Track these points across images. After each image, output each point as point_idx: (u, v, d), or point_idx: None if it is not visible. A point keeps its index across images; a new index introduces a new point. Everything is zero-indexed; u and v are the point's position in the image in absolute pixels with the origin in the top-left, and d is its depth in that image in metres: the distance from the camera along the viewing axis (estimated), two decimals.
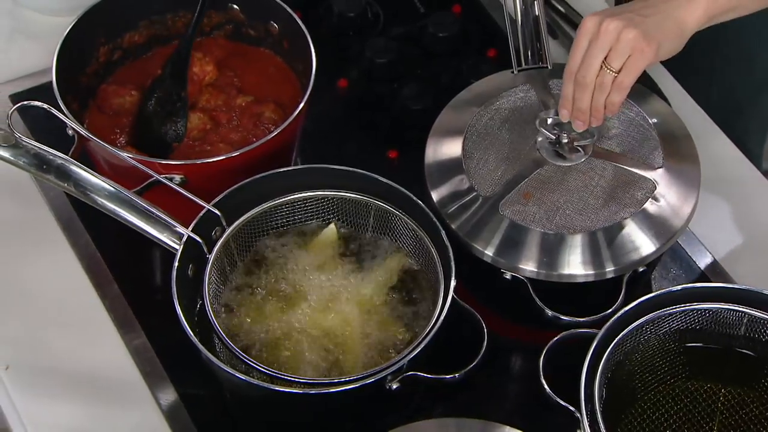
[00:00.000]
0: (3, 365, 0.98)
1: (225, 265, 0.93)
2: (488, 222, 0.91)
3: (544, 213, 0.91)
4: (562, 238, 0.90)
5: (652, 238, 0.91)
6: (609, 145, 0.95)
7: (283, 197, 0.95)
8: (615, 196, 0.92)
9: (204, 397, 0.98)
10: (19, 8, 1.19)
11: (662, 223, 0.92)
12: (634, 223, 0.91)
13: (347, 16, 1.20)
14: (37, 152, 0.91)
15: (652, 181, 0.93)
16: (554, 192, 0.92)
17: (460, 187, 0.93)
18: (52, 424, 0.96)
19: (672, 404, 0.90)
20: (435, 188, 0.94)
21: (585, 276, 0.90)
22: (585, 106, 0.91)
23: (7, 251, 1.04)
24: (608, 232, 0.91)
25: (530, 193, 0.92)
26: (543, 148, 0.95)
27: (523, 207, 0.91)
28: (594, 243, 0.90)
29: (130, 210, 0.91)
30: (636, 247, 0.91)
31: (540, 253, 0.90)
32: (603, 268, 0.90)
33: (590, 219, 0.91)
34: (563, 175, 0.93)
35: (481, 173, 0.94)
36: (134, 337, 1.00)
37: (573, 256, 0.90)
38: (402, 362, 0.85)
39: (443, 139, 0.97)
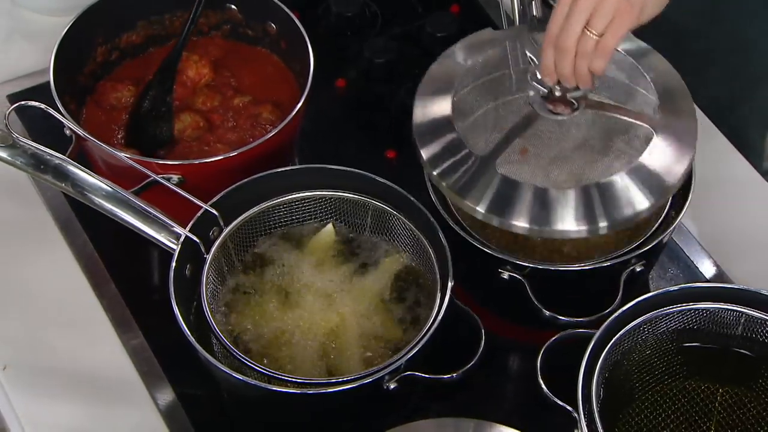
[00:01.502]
0: (1, 365, 0.98)
1: (223, 265, 0.93)
2: (480, 178, 0.89)
3: (538, 168, 0.88)
4: (555, 194, 0.87)
5: (646, 193, 0.88)
6: (603, 97, 0.92)
7: (281, 197, 0.95)
8: (611, 147, 0.90)
9: (201, 397, 0.98)
10: (17, 8, 1.19)
11: (657, 177, 0.89)
12: (628, 177, 0.88)
13: (345, 16, 1.20)
14: (34, 152, 0.91)
15: (649, 129, 0.90)
16: (548, 146, 0.90)
17: (451, 145, 0.91)
18: (50, 423, 0.96)
19: (669, 404, 0.90)
20: (425, 147, 0.91)
21: (578, 232, 0.87)
22: (568, 72, 0.88)
23: (4, 251, 1.04)
24: (602, 187, 0.88)
25: (527, 149, 0.89)
26: (535, 103, 0.92)
27: (517, 163, 0.89)
28: (587, 198, 0.88)
29: (128, 210, 0.91)
30: (630, 202, 0.87)
31: (532, 208, 0.87)
32: (596, 224, 0.87)
33: (585, 172, 0.88)
34: (557, 128, 0.91)
35: (472, 130, 0.91)
36: (132, 336, 1.00)
37: (566, 210, 0.87)
38: (400, 362, 0.85)
39: (431, 98, 0.94)
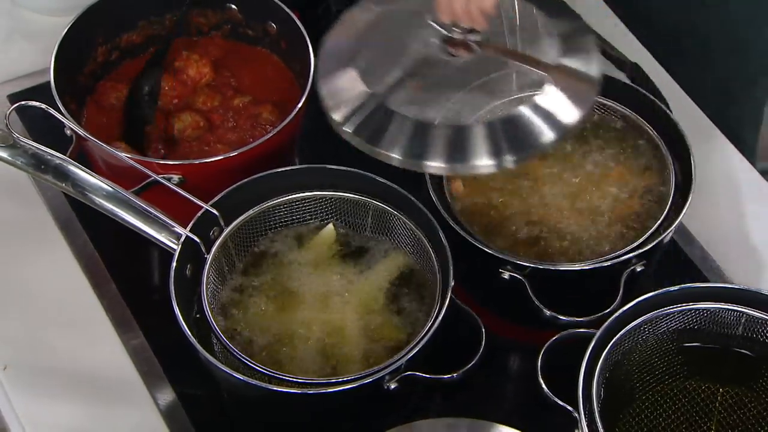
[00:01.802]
0: (1, 365, 0.98)
1: (223, 265, 0.93)
2: (388, 125, 0.89)
3: (441, 108, 0.89)
4: (461, 132, 0.88)
5: (546, 129, 0.89)
6: (503, 41, 0.93)
7: (282, 197, 0.95)
8: (506, 90, 0.91)
9: (202, 397, 0.98)
10: (17, 8, 1.19)
11: (555, 117, 0.89)
12: (526, 114, 0.89)
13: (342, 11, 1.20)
14: (34, 152, 0.91)
15: (545, 75, 0.91)
16: (448, 87, 0.91)
17: (354, 88, 0.91)
18: (50, 423, 0.96)
19: (670, 404, 0.90)
20: (326, 84, 0.92)
21: (487, 167, 0.88)
22: (459, 10, 0.88)
23: (4, 251, 1.04)
24: (502, 124, 0.89)
25: (421, 87, 0.91)
26: (435, 45, 0.93)
27: (417, 105, 0.89)
28: (493, 134, 0.88)
29: (128, 210, 0.91)
30: (532, 136, 0.88)
31: (444, 148, 0.88)
32: (502, 156, 0.88)
33: (484, 112, 0.89)
34: (455, 70, 0.92)
35: (373, 72, 0.92)
36: (132, 336, 1.00)
37: (477, 148, 0.88)
38: (400, 362, 0.85)
39: (335, 43, 0.95)
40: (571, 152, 1.02)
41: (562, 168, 1.01)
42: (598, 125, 1.03)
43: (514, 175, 1.00)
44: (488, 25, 0.90)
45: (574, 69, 0.92)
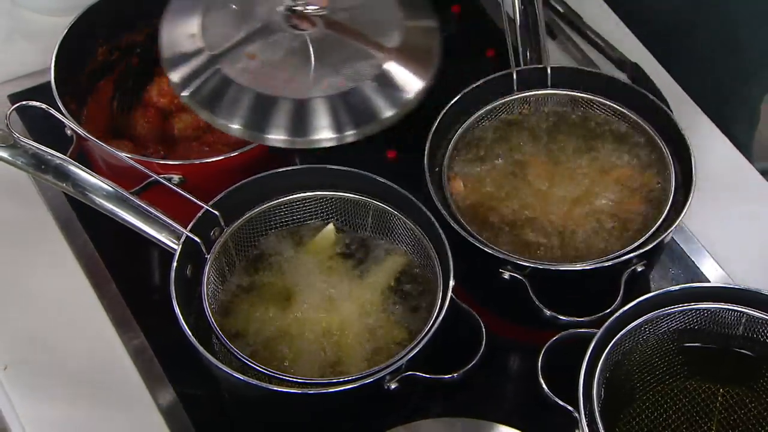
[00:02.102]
0: (1, 365, 0.98)
1: (223, 265, 0.93)
2: (225, 93, 0.90)
3: (277, 80, 0.91)
4: (302, 106, 0.90)
5: (386, 105, 0.92)
6: (346, 19, 0.95)
7: (282, 197, 0.95)
8: (341, 66, 0.92)
9: (202, 397, 0.98)
10: (17, 8, 1.19)
11: (393, 92, 0.92)
12: (366, 90, 0.91)
13: None
14: (35, 152, 0.91)
15: (382, 56, 0.92)
16: (286, 59, 0.92)
17: (192, 44, 0.93)
18: (51, 423, 0.96)
19: (670, 404, 0.90)
20: (167, 33, 0.93)
21: (328, 140, 0.90)
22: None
23: (5, 251, 1.04)
24: (342, 99, 0.91)
25: (255, 55, 0.92)
26: (280, 14, 0.94)
27: (253, 74, 0.91)
28: (333, 109, 0.90)
29: (129, 210, 0.91)
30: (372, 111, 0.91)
31: (284, 122, 0.90)
32: (343, 132, 0.91)
33: (322, 86, 0.91)
34: (294, 42, 0.93)
35: (215, 31, 0.93)
36: (132, 336, 1.00)
37: (318, 122, 0.90)
38: (401, 362, 0.85)
39: (181, 13, 0.96)
40: (571, 152, 1.02)
41: (562, 168, 1.01)
42: (598, 125, 1.03)
43: (514, 174, 1.00)
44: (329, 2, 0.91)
45: (412, 48, 0.92)
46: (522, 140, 1.02)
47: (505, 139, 1.02)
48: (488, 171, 1.00)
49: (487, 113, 1.02)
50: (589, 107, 1.03)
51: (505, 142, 1.02)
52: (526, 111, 1.04)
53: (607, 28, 1.22)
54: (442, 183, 0.97)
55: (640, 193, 0.99)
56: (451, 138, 1.00)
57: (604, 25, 1.22)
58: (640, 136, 1.02)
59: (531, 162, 1.01)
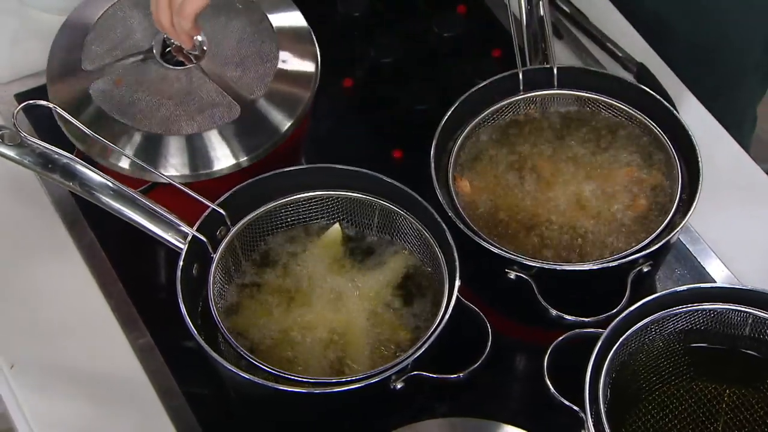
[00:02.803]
0: (8, 364, 0.98)
1: (230, 264, 0.93)
2: (115, 133, 0.94)
3: (146, 111, 0.94)
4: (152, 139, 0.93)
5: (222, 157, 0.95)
6: (219, 63, 0.97)
7: (288, 197, 0.95)
8: (199, 108, 0.95)
9: (208, 396, 0.98)
10: (24, 7, 1.19)
11: (239, 144, 0.95)
12: (213, 137, 0.94)
13: (351, 16, 1.20)
14: (42, 151, 0.91)
15: (237, 107, 0.95)
16: (154, 91, 0.95)
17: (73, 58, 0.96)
18: (57, 423, 0.95)
19: (676, 405, 0.90)
20: (58, 42, 0.97)
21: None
22: (165, 25, 0.93)
23: (12, 250, 1.04)
24: (194, 140, 0.94)
25: (121, 80, 0.95)
26: (158, 45, 0.97)
27: (115, 98, 0.94)
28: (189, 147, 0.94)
29: (135, 209, 0.91)
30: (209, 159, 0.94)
31: (177, 157, 0.94)
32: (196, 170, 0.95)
33: (179, 124, 0.94)
34: (164, 76, 0.96)
35: (96, 53, 0.96)
36: (139, 336, 1.00)
37: (164, 157, 0.93)
38: (406, 362, 0.85)
39: (78, 22, 1.00)
40: (578, 152, 1.01)
41: (569, 168, 1.00)
42: (605, 125, 1.03)
43: (520, 174, 1.00)
44: (193, 45, 0.95)
45: (272, 109, 0.96)
46: (528, 140, 1.02)
47: (511, 140, 1.02)
48: (494, 171, 1.00)
49: (493, 113, 1.02)
50: (595, 107, 1.03)
51: (512, 142, 1.02)
52: (532, 111, 1.03)
53: (613, 28, 1.22)
54: (448, 183, 0.97)
55: (646, 193, 0.99)
56: (458, 138, 1.00)
57: (610, 25, 1.22)
58: (646, 135, 1.01)
59: (537, 162, 1.01)
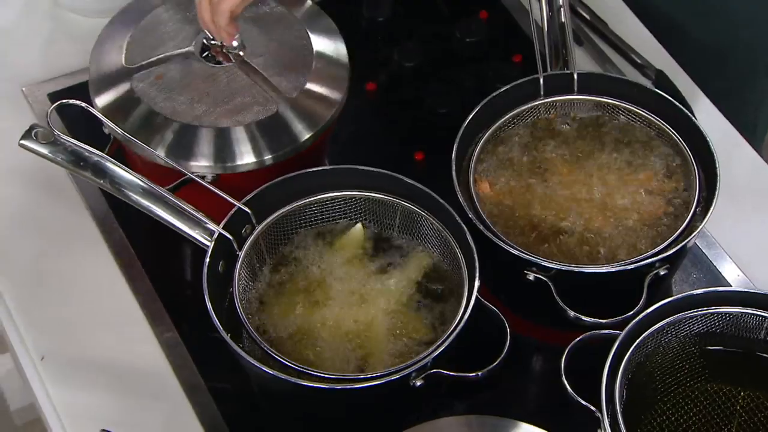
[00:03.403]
0: (38, 356, 0.98)
1: (254, 261, 0.93)
2: (148, 122, 0.94)
3: (183, 105, 0.95)
4: (185, 130, 0.94)
5: (260, 152, 0.95)
6: (257, 62, 0.98)
7: (312, 196, 0.94)
8: (239, 103, 0.96)
9: (232, 390, 0.97)
10: (59, 10, 1.19)
11: (273, 138, 0.95)
12: (245, 133, 0.95)
13: (376, 21, 1.20)
14: (74, 149, 0.91)
15: (276, 103, 0.96)
16: (193, 87, 0.96)
17: (114, 62, 0.98)
18: (84, 413, 0.96)
19: (691, 406, 0.89)
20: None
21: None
22: (206, 21, 0.95)
23: (43, 246, 1.05)
24: (226, 134, 0.94)
25: (162, 76, 0.96)
26: (198, 45, 0.98)
27: (157, 92, 0.95)
28: (220, 140, 0.94)
29: (164, 207, 0.91)
30: (236, 154, 0.95)
31: (207, 148, 0.94)
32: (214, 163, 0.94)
33: (209, 116, 0.95)
34: (202, 73, 0.97)
35: (138, 52, 0.98)
36: (165, 330, 1.00)
37: (195, 148, 0.94)
38: (426, 360, 0.84)
39: (120, 27, 1.00)
40: (596, 156, 1.00)
41: (588, 171, 0.99)
42: (624, 130, 1.02)
43: (540, 177, 0.99)
44: (232, 42, 0.96)
45: (304, 108, 0.97)
46: (548, 144, 1.01)
47: (531, 143, 1.01)
48: (514, 174, 0.99)
49: (513, 117, 1.01)
50: (614, 112, 1.02)
51: (532, 145, 1.01)
52: (552, 115, 1.03)
53: (633, 35, 1.21)
54: (469, 185, 0.97)
55: (663, 198, 0.98)
56: (479, 141, 0.99)
57: (629, 32, 1.21)
58: (665, 141, 1.00)
59: (557, 165, 1.00)
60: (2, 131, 1.06)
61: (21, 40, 1.17)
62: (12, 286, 1.02)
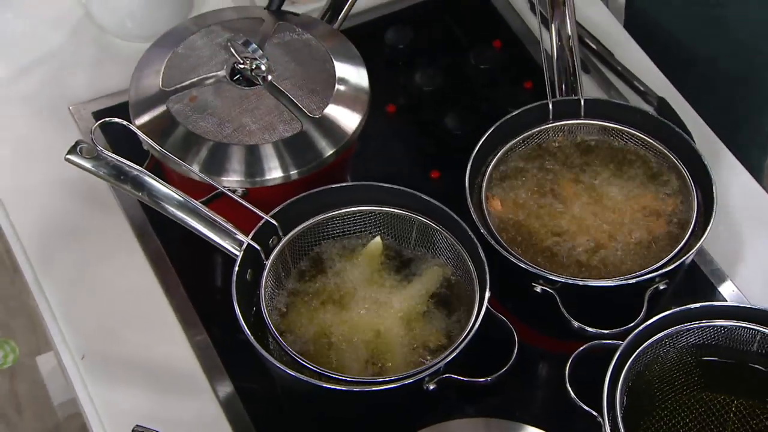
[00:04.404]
0: (79, 355, 0.99)
1: (280, 270, 0.93)
2: (183, 139, 0.95)
3: (215, 125, 0.95)
4: (252, 150, 0.94)
5: (286, 167, 0.95)
6: (284, 85, 0.98)
7: (335, 211, 0.94)
8: (267, 123, 0.96)
9: (257, 390, 0.97)
10: (104, 36, 1.20)
11: (298, 156, 0.96)
12: (272, 149, 0.95)
13: (397, 48, 1.20)
14: (115, 164, 0.92)
15: (300, 123, 0.96)
16: (224, 107, 0.96)
17: (152, 85, 0.98)
18: (120, 409, 0.96)
19: (687, 413, 0.88)
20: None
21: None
22: None
23: (86, 253, 1.05)
24: (254, 151, 0.95)
25: (195, 97, 0.96)
26: (230, 69, 0.99)
27: (191, 112, 0.96)
28: (249, 157, 0.95)
29: (197, 218, 0.91)
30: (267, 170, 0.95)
31: (237, 164, 0.95)
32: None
33: (243, 137, 0.95)
34: (233, 95, 0.97)
35: (174, 75, 0.99)
36: (196, 333, 1.00)
37: (269, 163, 0.95)
38: (439, 365, 0.84)
39: (159, 52, 1.01)
40: (601, 177, 1.00)
41: (592, 191, 0.99)
42: (627, 153, 1.01)
43: (548, 195, 0.99)
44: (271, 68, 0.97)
45: (328, 127, 0.97)
46: (556, 165, 1.01)
47: (540, 164, 1.01)
48: (524, 192, 0.99)
49: (524, 139, 1.01)
50: (618, 136, 1.02)
51: (540, 166, 1.01)
52: (560, 138, 1.02)
53: (636, 64, 1.21)
54: (481, 202, 0.96)
55: (664, 217, 0.97)
56: (491, 161, 0.99)
57: (633, 62, 1.21)
58: (666, 164, 1.00)
59: (563, 185, 1.00)
60: (50, 146, 1.08)
61: (69, 63, 1.18)
62: (56, 290, 1.03)
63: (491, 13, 1.24)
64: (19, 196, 1.08)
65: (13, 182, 1.09)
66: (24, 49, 1.18)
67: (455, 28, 1.23)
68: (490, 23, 1.24)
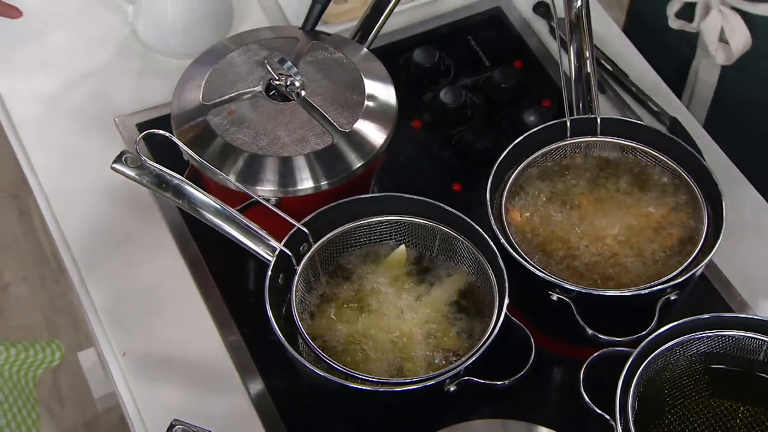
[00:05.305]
0: (121, 352, 0.99)
1: (310, 276, 0.93)
2: (221, 151, 0.95)
3: (251, 137, 0.96)
4: (253, 159, 0.95)
5: (317, 178, 0.96)
6: (316, 100, 0.98)
7: (362, 220, 0.94)
8: (303, 138, 0.96)
9: (287, 388, 0.98)
10: (148, 52, 1.21)
11: (328, 167, 0.96)
12: (304, 162, 0.95)
13: (423, 67, 1.20)
14: (158, 173, 0.92)
15: (331, 137, 0.96)
16: (260, 121, 0.97)
17: (193, 99, 0.99)
18: (158, 404, 0.96)
19: (695, 418, 0.88)
20: (179, 89, 0.99)
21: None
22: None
23: (128, 255, 1.06)
24: (288, 162, 0.95)
25: (233, 111, 0.97)
26: (265, 85, 0.99)
27: (228, 125, 0.96)
28: (283, 168, 0.95)
29: (233, 225, 0.91)
30: (298, 181, 0.95)
31: (271, 175, 0.95)
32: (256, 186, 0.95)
33: (277, 149, 0.96)
34: (268, 109, 0.97)
35: (214, 90, 0.99)
36: (230, 333, 1.01)
37: (301, 174, 0.95)
38: (460, 368, 0.84)
39: (199, 68, 1.02)
40: (616, 192, 0.99)
41: (607, 205, 0.99)
42: (641, 170, 1.01)
43: (565, 209, 0.98)
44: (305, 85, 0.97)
45: (357, 140, 0.97)
46: (572, 180, 1.00)
47: (557, 178, 1.01)
48: (542, 205, 0.99)
49: (542, 155, 1.01)
50: (633, 154, 1.01)
51: (558, 180, 1.00)
52: (577, 155, 1.02)
53: (651, 85, 1.20)
54: (501, 213, 0.96)
55: (675, 231, 0.96)
56: (511, 175, 0.99)
57: (647, 83, 1.20)
58: (677, 180, 0.99)
59: (580, 199, 0.99)
60: (97, 156, 1.08)
61: (115, 78, 1.19)
62: (100, 290, 1.03)
63: (513, 35, 1.24)
64: (67, 202, 1.09)
65: (62, 189, 1.09)
66: (74, 65, 1.19)
67: (478, 49, 1.23)
68: (512, 45, 1.24)
